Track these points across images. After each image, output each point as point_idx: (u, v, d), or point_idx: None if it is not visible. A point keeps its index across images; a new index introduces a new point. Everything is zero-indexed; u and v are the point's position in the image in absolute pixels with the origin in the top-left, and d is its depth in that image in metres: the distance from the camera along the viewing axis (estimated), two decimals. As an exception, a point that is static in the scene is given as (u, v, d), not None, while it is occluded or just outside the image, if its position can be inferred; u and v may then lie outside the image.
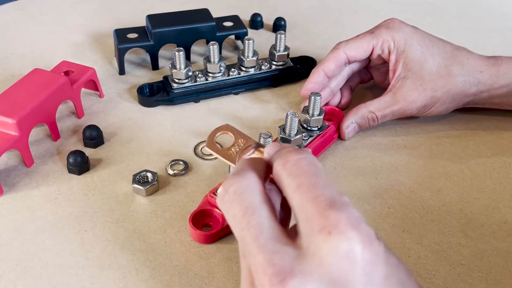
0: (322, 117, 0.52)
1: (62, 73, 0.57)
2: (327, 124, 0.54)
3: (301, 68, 0.65)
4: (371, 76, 0.61)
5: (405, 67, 0.54)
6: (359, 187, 0.50)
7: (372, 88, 0.64)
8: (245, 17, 0.76)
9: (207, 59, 0.60)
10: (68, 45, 0.71)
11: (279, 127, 0.51)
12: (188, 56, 0.66)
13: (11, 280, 0.41)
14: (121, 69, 0.65)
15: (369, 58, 0.57)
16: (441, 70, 0.53)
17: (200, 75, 0.60)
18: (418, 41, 0.54)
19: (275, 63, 0.63)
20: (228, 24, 0.68)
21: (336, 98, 0.59)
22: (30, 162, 0.51)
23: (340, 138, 0.56)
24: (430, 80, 0.53)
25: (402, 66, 0.54)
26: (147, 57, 0.66)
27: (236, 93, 0.62)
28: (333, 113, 0.57)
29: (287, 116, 0.49)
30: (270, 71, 0.63)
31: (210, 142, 0.38)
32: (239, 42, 0.72)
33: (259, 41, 0.71)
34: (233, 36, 0.72)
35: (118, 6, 0.81)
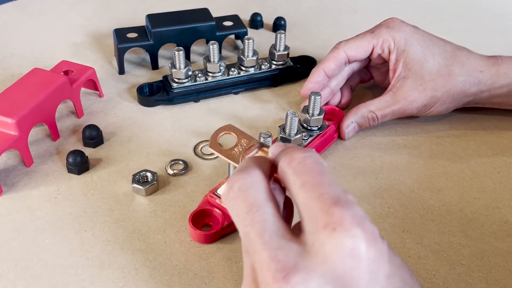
0: (322, 116, 0.52)
1: (61, 73, 0.57)
2: (327, 123, 0.54)
3: (301, 67, 0.65)
4: (371, 76, 0.61)
5: (405, 66, 0.54)
6: (359, 187, 0.50)
7: (372, 88, 0.64)
8: (245, 17, 0.76)
9: (207, 59, 0.60)
10: (68, 45, 0.71)
11: (279, 126, 0.51)
12: (188, 56, 0.66)
13: (10, 280, 0.41)
14: (121, 68, 0.65)
15: (369, 58, 0.57)
16: (441, 69, 0.53)
17: (200, 75, 0.60)
18: (419, 41, 0.53)
19: (275, 62, 0.63)
20: (228, 23, 0.68)
21: (336, 98, 0.59)
22: (29, 162, 0.51)
23: (340, 137, 0.55)
24: (430, 80, 0.53)
25: (402, 66, 0.54)
26: (147, 56, 0.66)
27: (236, 93, 0.62)
28: (333, 113, 0.57)
29: (287, 115, 0.48)
30: (270, 70, 0.63)
31: (213, 142, 0.38)
32: (239, 42, 0.72)
33: (259, 41, 0.71)
34: (233, 36, 0.72)
35: (117, 6, 0.81)
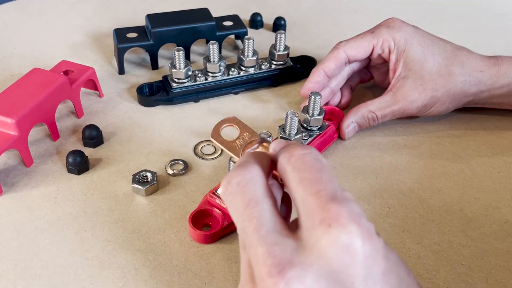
0: (322, 116, 0.52)
1: (61, 73, 0.57)
2: (327, 123, 0.54)
3: (301, 67, 0.65)
4: (371, 76, 0.61)
5: (405, 66, 0.54)
6: (359, 187, 0.50)
7: (372, 88, 0.64)
8: (245, 17, 0.76)
9: (207, 59, 0.60)
10: (68, 45, 0.71)
11: (279, 126, 0.51)
12: (187, 56, 0.65)
13: (10, 280, 0.41)
14: (121, 68, 0.65)
15: (369, 58, 0.57)
16: (441, 69, 0.53)
17: (200, 75, 0.60)
18: (419, 41, 0.53)
19: (275, 62, 0.63)
20: (228, 23, 0.68)
21: (336, 98, 0.59)
22: (29, 162, 0.51)
23: (340, 137, 0.55)
24: (430, 80, 0.53)
25: (402, 66, 0.54)
26: (147, 56, 0.66)
27: (236, 93, 0.62)
28: (333, 113, 0.57)
29: (287, 115, 0.48)
30: (270, 70, 0.63)
31: (215, 133, 0.38)
32: (239, 42, 0.72)
33: (259, 41, 0.71)
34: (233, 36, 0.72)
35: (117, 6, 0.81)
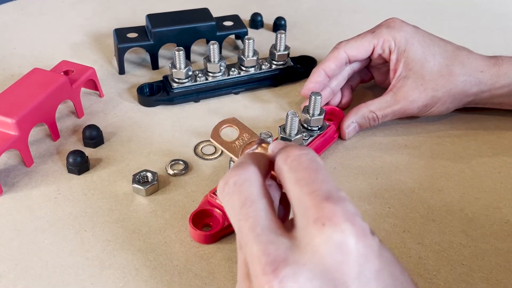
0: (322, 116, 0.52)
1: (61, 73, 0.57)
2: (328, 124, 0.54)
3: (302, 67, 0.65)
4: (371, 76, 0.61)
5: (406, 66, 0.53)
6: (359, 187, 0.50)
7: (372, 88, 0.64)
8: (245, 17, 0.76)
9: (207, 59, 0.60)
10: (68, 45, 0.71)
11: (280, 127, 0.51)
12: (188, 56, 0.65)
13: (10, 280, 0.41)
14: (121, 68, 0.65)
15: (369, 58, 0.57)
16: (442, 69, 0.53)
17: (200, 75, 0.60)
18: (419, 41, 0.53)
19: (275, 62, 0.63)
20: (228, 23, 0.68)
21: (337, 98, 0.59)
22: (29, 162, 0.51)
23: (340, 138, 0.55)
24: (431, 80, 0.53)
25: (403, 66, 0.54)
26: (147, 56, 0.66)
27: (236, 93, 0.62)
28: (334, 113, 0.57)
29: (287, 115, 0.48)
30: (271, 70, 0.63)
31: (215, 134, 0.39)
32: (239, 42, 0.72)
33: (259, 41, 0.71)
34: (233, 36, 0.71)
35: (117, 6, 0.81)
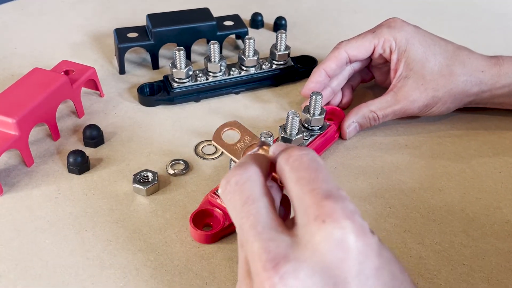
0: (323, 116, 0.52)
1: (62, 73, 0.57)
2: (328, 123, 0.54)
3: (302, 67, 0.65)
4: (372, 76, 0.61)
5: (406, 66, 0.53)
6: (360, 187, 0.50)
7: (373, 88, 0.64)
8: (246, 17, 0.76)
9: (208, 59, 0.60)
10: (68, 45, 0.71)
11: (280, 126, 0.51)
12: (188, 56, 0.65)
13: (11, 280, 0.41)
14: (121, 68, 0.65)
15: (370, 58, 0.57)
16: (442, 69, 0.53)
17: (200, 75, 0.60)
18: (420, 41, 0.53)
19: (275, 62, 0.63)
20: (228, 23, 0.68)
21: (337, 98, 0.59)
22: (30, 161, 0.51)
23: (341, 137, 0.55)
24: (431, 80, 0.53)
25: (403, 66, 0.54)
26: (147, 56, 0.66)
27: (236, 93, 0.62)
28: (334, 113, 0.57)
29: (288, 115, 0.48)
30: (271, 70, 0.63)
31: (217, 136, 0.39)
32: (239, 42, 0.72)
33: (260, 41, 0.71)
34: (233, 36, 0.71)
35: (117, 6, 0.81)
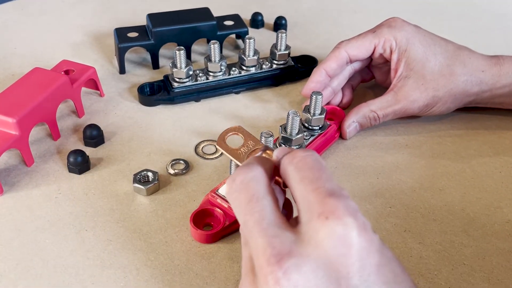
0: (323, 116, 0.52)
1: (62, 72, 0.57)
2: (329, 123, 0.54)
3: (302, 67, 0.65)
4: (372, 75, 0.61)
5: (407, 66, 0.53)
6: (360, 187, 0.50)
7: (373, 87, 0.64)
8: (246, 16, 0.76)
9: (208, 58, 0.60)
10: (68, 45, 0.71)
11: (281, 126, 0.51)
12: (188, 55, 0.65)
13: (11, 279, 0.41)
14: (122, 68, 0.65)
15: (370, 57, 0.57)
16: (443, 69, 0.53)
17: (201, 74, 0.60)
18: (420, 40, 0.53)
19: (276, 62, 0.63)
20: (228, 23, 0.68)
21: (338, 97, 0.59)
22: (30, 161, 0.51)
23: (341, 137, 0.55)
24: (432, 80, 0.53)
25: (404, 65, 0.54)
26: (148, 56, 0.66)
27: (237, 92, 0.62)
28: (335, 112, 0.57)
29: (288, 115, 0.48)
30: (271, 70, 0.63)
31: (221, 141, 0.40)
32: (240, 41, 0.72)
33: (260, 40, 0.71)
34: (234, 35, 0.71)
35: (117, 5, 0.81)
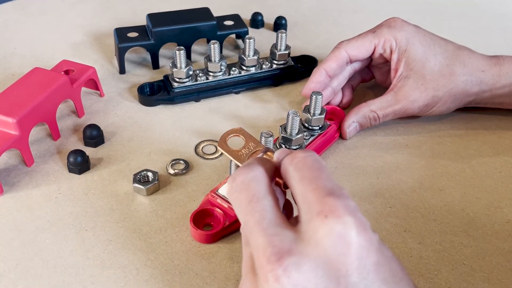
0: (323, 116, 0.52)
1: (62, 72, 0.57)
2: (329, 123, 0.54)
3: (302, 67, 0.65)
4: (372, 75, 0.61)
5: (407, 66, 0.53)
6: (360, 187, 0.50)
7: (373, 87, 0.64)
8: (246, 16, 0.76)
9: (208, 58, 0.60)
10: (68, 45, 0.71)
11: (281, 126, 0.51)
12: (188, 55, 0.65)
13: (11, 279, 0.41)
14: (122, 68, 0.65)
15: (370, 57, 0.57)
16: (443, 69, 0.53)
17: (200, 74, 0.60)
18: (420, 40, 0.53)
19: (276, 62, 0.63)
20: (228, 23, 0.68)
21: (338, 97, 0.59)
22: (30, 161, 0.51)
23: (341, 137, 0.55)
24: (432, 80, 0.53)
25: (404, 65, 0.54)
26: (148, 56, 0.66)
27: (237, 92, 0.62)
28: (335, 113, 0.57)
29: (288, 115, 0.48)
30: (271, 70, 0.63)
31: (222, 142, 0.41)
32: (240, 41, 0.72)
33: (260, 40, 0.71)
34: (233, 35, 0.71)
35: (117, 5, 0.81)
